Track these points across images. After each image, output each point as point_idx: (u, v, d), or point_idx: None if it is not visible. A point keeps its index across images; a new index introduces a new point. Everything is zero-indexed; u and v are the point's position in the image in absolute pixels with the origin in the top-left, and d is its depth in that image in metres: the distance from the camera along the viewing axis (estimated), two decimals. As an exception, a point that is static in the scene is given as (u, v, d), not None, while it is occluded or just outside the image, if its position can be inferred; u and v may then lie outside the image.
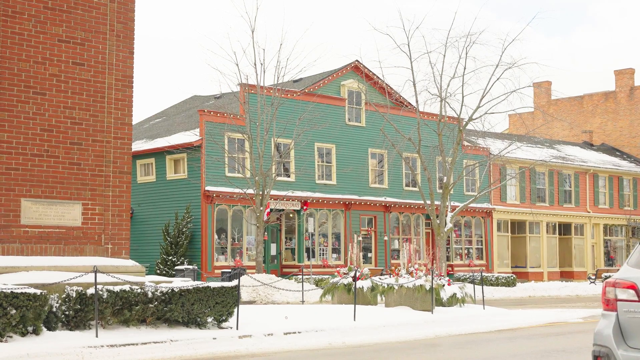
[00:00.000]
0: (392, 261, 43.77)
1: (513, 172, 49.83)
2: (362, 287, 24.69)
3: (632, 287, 8.56)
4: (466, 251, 49.20)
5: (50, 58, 16.86)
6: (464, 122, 37.50)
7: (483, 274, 33.76)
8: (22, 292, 13.71)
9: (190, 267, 32.53)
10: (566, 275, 54.30)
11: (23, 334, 13.95)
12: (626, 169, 59.82)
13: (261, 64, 34.75)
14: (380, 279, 25.48)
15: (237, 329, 16.92)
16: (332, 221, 42.96)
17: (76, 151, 17.13)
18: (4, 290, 13.56)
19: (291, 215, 41.54)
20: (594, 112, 68.76)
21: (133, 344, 14.47)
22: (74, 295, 14.80)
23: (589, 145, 65.86)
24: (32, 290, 13.89)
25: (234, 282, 17.68)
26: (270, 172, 34.88)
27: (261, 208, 33.86)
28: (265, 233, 38.29)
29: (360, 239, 41.00)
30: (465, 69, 36.46)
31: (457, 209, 38.55)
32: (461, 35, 39.91)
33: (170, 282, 17.00)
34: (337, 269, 28.00)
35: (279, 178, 38.70)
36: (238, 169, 37.27)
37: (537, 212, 50.96)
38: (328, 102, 42.68)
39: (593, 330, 8.95)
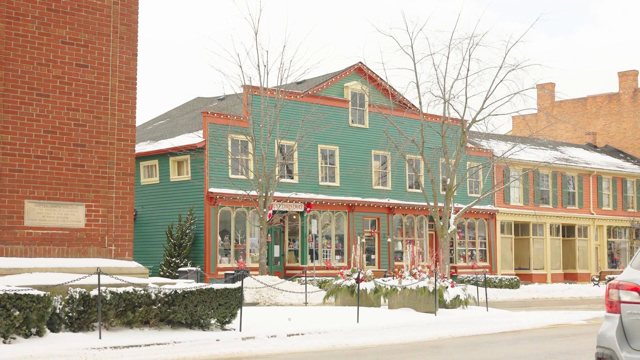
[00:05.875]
0: (396, 263, 43.72)
1: (516, 173, 49.78)
2: (366, 289, 24.68)
3: (636, 289, 8.55)
4: (469, 253, 49.15)
5: (53, 60, 16.89)
6: (468, 124, 37.47)
7: (486, 275, 33.73)
8: (25, 294, 13.73)
9: (194, 268, 32.54)
10: (570, 277, 54.25)
11: (26, 336, 13.97)
12: (630, 171, 59.75)
13: (264, 66, 34.75)
14: (383, 280, 25.48)
15: (240, 330, 16.94)
16: (335, 223, 42.95)
17: (80, 153, 17.16)
18: (8, 292, 13.58)
19: (294, 217, 41.54)
20: (597, 114, 68.71)
21: (136, 346, 14.49)
22: (77, 297, 14.81)
23: (592, 147, 65.80)
24: (35, 292, 13.91)
25: (237, 284, 17.70)
26: (273, 173, 34.87)
27: (264, 210, 33.86)
28: (269, 235, 38.29)
29: (363, 240, 41.10)
30: (468, 70, 36.45)
31: (460, 210, 38.51)
32: (464, 37, 39.93)
33: (174, 283, 17.02)
34: (341, 270, 28.01)
35: (282, 180, 38.69)
36: (241, 170, 37.27)
37: (540, 214, 50.90)
38: (331, 103, 42.68)
39: (596, 332, 8.93)
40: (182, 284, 16.81)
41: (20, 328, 13.82)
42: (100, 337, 14.60)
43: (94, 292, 14.93)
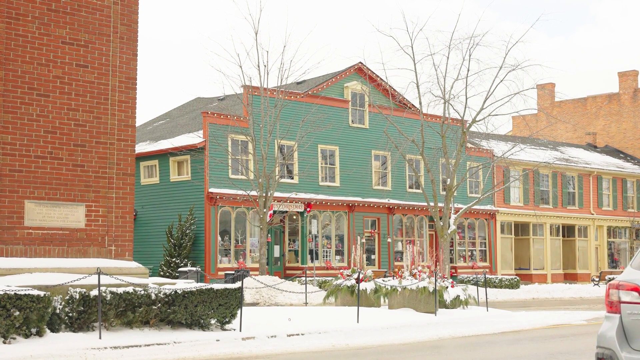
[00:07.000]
0: (396, 263, 43.72)
1: (517, 174, 49.76)
2: (366, 289, 24.68)
3: (636, 289, 8.54)
4: (470, 253, 49.14)
5: (54, 60, 16.89)
6: (468, 124, 37.46)
7: (486, 276, 33.72)
8: (25, 294, 13.73)
9: (194, 269, 32.51)
10: (570, 278, 54.24)
11: (26, 336, 13.97)
12: (630, 171, 59.74)
13: (265, 66, 34.75)
14: (383, 280, 25.48)
15: (240, 330, 16.94)
16: (335, 223, 42.95)
17: (80, 153, 17.16)
18: (8, 292, 13.58)
19: (294, 217, 41.53)
20: (597, 114, 68.71)
21: (136, 346, 14.49)
22: (78, 297, 14.81)
23: (592, 147, 65.80)
24: (35, 292, 13.91)
25: (237, 284, 17.69)
26: (273, 174, 34.87)
27: (264, 210, 33.85)
28: (269, 235, 38.28)
29: (363, 240, 41.08)
30: (468, 70, 36.44)
31: (460, 210, 38.51)
32: (464, 37, 39.97)
33: (174, 284, 17.02)
34: (341, 270, 28.01)
35: (282, 180, 38.69)
36: (241, 170, 37.27)
37: (540, 214, 50.89)
38: (331, 104, 42.68)
39: (597, 332, 8.93)
40: (182, 284, 16.80)
41: (20, 328, 13.82)
42: (100, 337, 14.60)
43: (94, 292, 14.93)
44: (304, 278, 32.72)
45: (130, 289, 15.42)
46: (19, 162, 16.34)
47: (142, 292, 15.53)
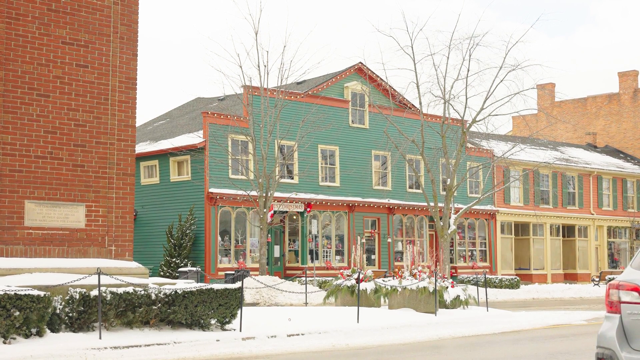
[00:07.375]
0: (396, 263, 43.71)
1: (517, 174, 49.76)
2: (366, 289, 24.68)
3: (636, 289, 8.55)
4: (470, 253, 49.13)
5: (54, 60, 16.89)
6: (468, 124, 37.47)
7: (486, 276, 33.72)
8: (25, 294, 13.73)
9: (194, 269, 32.50)
10: (570, 278, 54.24)
11: (27, 336, 13.97)
12: (630, 171, 59.74)
13: (265, 66, 34.76)
14: (383, 281, 25.48)
15: (240, 330, 16.94)
16: (335, 223, 42.95)
17: (80, 153, 17.16)
18: (8, 292, 13.58)
19: (294, 217, 41.54)
20: (597, 114, 68.72)
21: (136, 346, 14.49)
22: (78, 297, 14.81)
23: (592, 147, 65.80)
24: (35, 292, 13.91)
25: (238, 284, 17.69)
26: (273, 174, 34.87)
27: (264, 210, 33.85)
28: (269, 235, 38.28)
29: (363, 240, 41.07)
30: (468, 70, 36.46)
31: (460, 211, 38.51)
32: (465, 37, 39.96)
33: (174, 284, 17.02)
34: (341, 271, 28.01)
35: (283, 180, 38.69)
36: (241, 170, 37.28)
37: (540, 214, 50.89)
38: (331, 104, 42.68)
39: (597, 332, 8.93)
40: (182, 284, 16.80)
41: (20, 328, 13.82)
42: (100, 337, 14.61)
43: (94, 293, 14.93)
44: (304, 278, 32.72)
45: (130, 289, 15.42)
46: (19, 162, 16.34)
47: (142, 292, 15.53)
